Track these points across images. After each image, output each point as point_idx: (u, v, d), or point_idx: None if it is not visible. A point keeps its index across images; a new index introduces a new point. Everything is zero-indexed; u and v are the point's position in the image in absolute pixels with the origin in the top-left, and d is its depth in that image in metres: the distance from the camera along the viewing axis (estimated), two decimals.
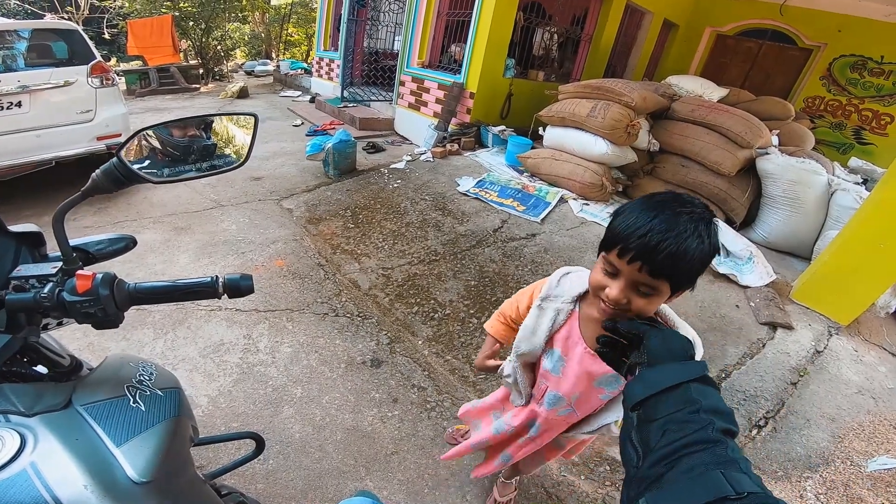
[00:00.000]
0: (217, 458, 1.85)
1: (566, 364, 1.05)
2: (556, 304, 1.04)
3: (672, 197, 0.82)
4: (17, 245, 0.77)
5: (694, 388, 0.59)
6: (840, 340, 2.98)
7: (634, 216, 0.79)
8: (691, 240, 0.75)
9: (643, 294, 0.82)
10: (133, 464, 0.60)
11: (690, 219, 0.76)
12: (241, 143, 0.94)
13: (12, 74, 3.62)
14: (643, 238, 0.76)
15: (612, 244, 0.82)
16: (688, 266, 0.77)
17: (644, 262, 0.77)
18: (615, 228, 0.82)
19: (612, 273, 0.84)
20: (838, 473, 2.11)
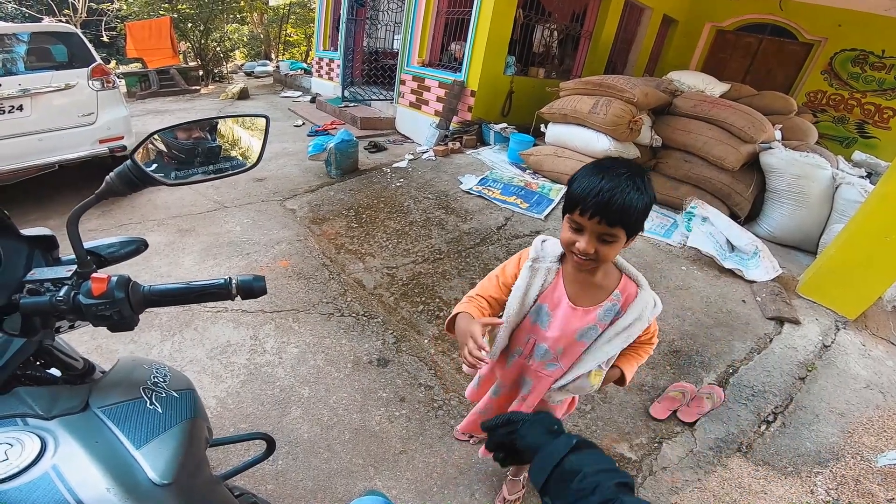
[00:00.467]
0: (227, 458, 1.85)
1: (552, 318, 1.18)
2: (546, 263, 1.17)
3: (611, 161, 1.01)
4: (31, 249, 0.76)
5: (574, 460, 0.66)
6: (848, 335, 2.97)
7: (587, 181, 0.97)
8: (633, 193, 0.94)
9: (606, 242, 0.99)
10: (153, 465, 0.60)
11: (629, 176, 0.95)
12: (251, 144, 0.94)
13: (13, 78, 3.62)
14: (597, 197, 0.94)
15: (574, 206, 0.99)
16: (635, 213, 0.95)
17: (601, 216, 0.95)
18: (574, 193, 1.00)
19: (578, 229, 1.02)
20: (849, 468, 2.10)
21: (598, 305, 1.15)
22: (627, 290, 1.15)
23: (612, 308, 1.15)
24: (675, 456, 2.09)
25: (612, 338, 1.15)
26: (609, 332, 1.15)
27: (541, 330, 1.20)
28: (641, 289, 1.16)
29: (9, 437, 0.55)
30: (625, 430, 2.21)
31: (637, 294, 1.15)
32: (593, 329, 1.16)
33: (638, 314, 1.13)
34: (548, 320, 1.18)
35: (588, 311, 1.15)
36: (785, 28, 8.10)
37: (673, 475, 2.01)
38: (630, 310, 1.14)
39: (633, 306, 1.14)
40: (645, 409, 2.31)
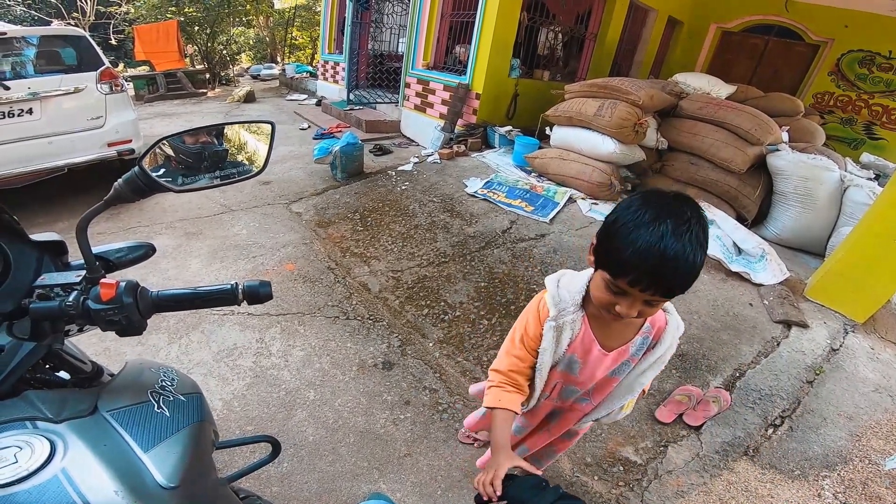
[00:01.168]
0: (233, 461, 1.85)
1: (583, 365, 1.10)
2: (569, 316, 1.05)
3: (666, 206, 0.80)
4: (40, 254, 0.77)
5: None
6: (856, 338, 2.94)
7: (639, 239, 0.78)
8: (698, 254, 0.77)
9: (652, 305, 0.86)
10: (161, 469, 0.60)
11: (691, 234, 0.77)
12: (257, 150, 0.95)
13: (23, 81, 3.66)
14: (656, 270, 0.77)
15: (621, 272, 0.82)
16: (697, 277, 0.80)
17: (657, 289, 0.80)
18: (620, 254, 0.80)
19: (620, 294, 0.86)
20: (856, 472, 2.08)
21: (630, 342, 1.07)
22: (658, 322, 1.07)
23: (643, 342, 1.08)
24: (681, 460, 2.08)
25: (646, 370, 1.09)
26: (642, 365, 1.09)
27: (570, 376, 1.14)
28: (669, 314, 1.08)
29: (18, 440, 0.55)
30: (630, 434, 2.20)
31: (667, 322, 1.07)
32: (626, 365, 1.11)
33: (670, 342, 1.07)
34: (578, 367, 1.11)
35: (620, 351, 1.08)
36: (791, 29, 8.05)
37: (678, 479, 1.99)
38: (662, 340, 1.07)
39: (665, 336, 1.06)
40: (650, 412, 2.30)
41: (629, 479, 2.00)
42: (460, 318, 2.90)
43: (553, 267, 3.38)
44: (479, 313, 2.93)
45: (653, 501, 1.90)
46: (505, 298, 3.04)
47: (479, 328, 2.82)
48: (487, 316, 2.91)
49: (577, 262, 3.44)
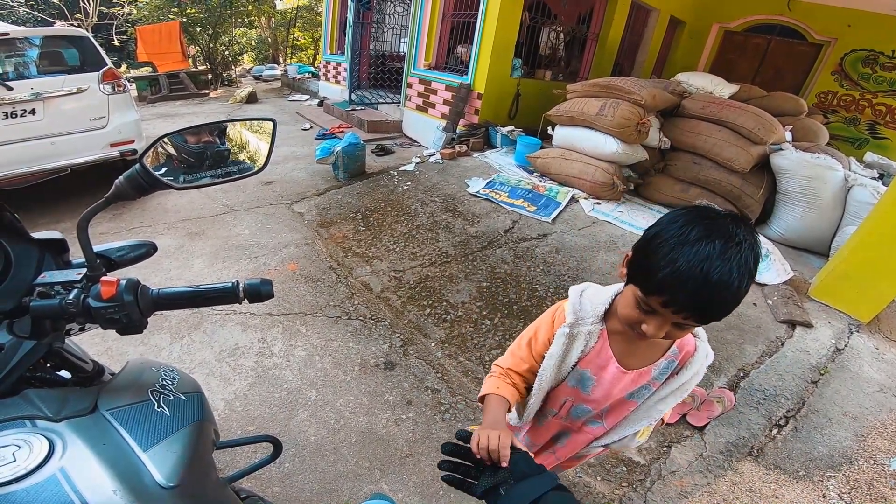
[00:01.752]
0: (234, 461, 1.85)
1: (597, 383, 1.02)
2: (586, 326, 0.98)
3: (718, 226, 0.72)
4: (41, 252, 0.77)
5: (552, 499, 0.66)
6: (861, 338, 2.93)
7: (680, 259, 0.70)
8: (744, 282, 0.70)
9: (682, 329, 0.79)
10: (160, 468, 0.59)
11: (741, 258, 0.69)
12: (257, 148, 0.94)
13: (25, 82, 3.67)
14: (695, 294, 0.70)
15: (655, 291, 0.75)
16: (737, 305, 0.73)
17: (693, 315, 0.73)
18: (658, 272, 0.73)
19: (650, 312, 0.79)
20: (861, 472, 2.07)
21: (653, 365, 0.98)
22: (686, 346, 0.98)
23: (668, 366, 0.99)
24: (685, 460, 2.07)
25: (667, 396, 1.00)
26: (664, 391, 1.00)
27: (581, 394, 1.05)
28: (700, 340, 0.99)
29: (17, 438, 0.55)
30: None
31: (696, 348, 0.98)
32: (646, 388, 1.01)
33: (696, 370, 0.98)
34: (591, 384, 1.03)
35: (641, 372, 0.99)
36: (794, 29, 8.02)
37: (682, 480, 1.98)
38: (689, 366, 0.98)
39: (693, 363, 0.98)
40: None
41: (632, 479, 1.99)
42: (462, 318, 2.89)
43: (555, 266, 3.37)
44: (481, 313, 2.92)
45: (656, 502, 1.89)
46: (507, 298, 3.04)
47: (481, 328, 2.81)
48: (490, 316, 2.90)
49: (579, 262, 3.43)
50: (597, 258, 3.50)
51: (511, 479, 0.72)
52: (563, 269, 3.35)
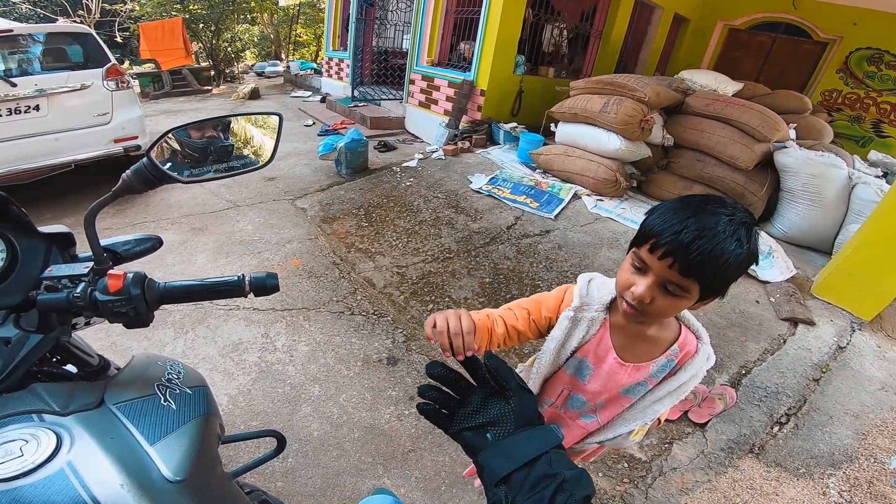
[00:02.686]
0: (238, 455, 1.86)
1: (594, 374, 1.02)
2: (590, 313, 0.98)
3: (715, 199, 0.79)
4: (48, 246, 0.77)
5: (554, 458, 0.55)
6: (863, 336, 2.92)
7: (671, 213, 0.77)
8: (729, 242, 0.73)
9: (670, 293, 0.79)
10: (167, 462, 0.60)
11: (730, 221, 0.74)
12: (263, 143, 0.94)
13: (29, 78, 3.68)
14: (678, 234, 0.74)
15: (645, 239, 0.79)
16: (721, 269, 0.74)
17: (676, 258, 0.75)
18: (648, 224, 0.80)
19: (641, 269, 0.82)
20: (862, 471, 2.07)
21: (653, 361, 0.97)
22: (688, 346, 0.98)
23: (667, 364, 0.98)
24: (686, 457, 2.07)
25: (664, 396, 0.99)
26: (660, 391, 0.99)
27: (579, 383, 1.05)
28: (702, 343, 0.99)
29: (24, 433, 0.55)
30: None
31: (697, 350, 0.98)
32: (642, 385, 1.00)
33: (695, 372, 0.97)
34: (588, 374, 1.02)
35: (639, 367, 0.98)
36: (799, 27, 7.98)
37: (683, 476, 1.99)
38: (687, 367, 0.97)
39: (691, 364, 0.97)
40: None
41: (634, 476, 1.99)
42: None
43: (558, 263, 3.37)
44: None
45: (657, 499, 1.89)
46: (510, 294, 3.04)
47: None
48: None
49: (582, 259, 3.43)
50: (599, 255, 3.50)
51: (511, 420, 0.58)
52: (566, 266, 3.34)
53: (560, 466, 0.54)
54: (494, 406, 0.59)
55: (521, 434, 0.56)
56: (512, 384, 0.60)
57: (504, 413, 0.58)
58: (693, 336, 0.98)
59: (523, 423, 0.58)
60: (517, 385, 0.60)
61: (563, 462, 0.55)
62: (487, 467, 0.56)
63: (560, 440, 0.57)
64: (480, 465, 0.57)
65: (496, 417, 0.58)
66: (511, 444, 0.56)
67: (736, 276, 0.78)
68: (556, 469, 0.53)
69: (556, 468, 0.53)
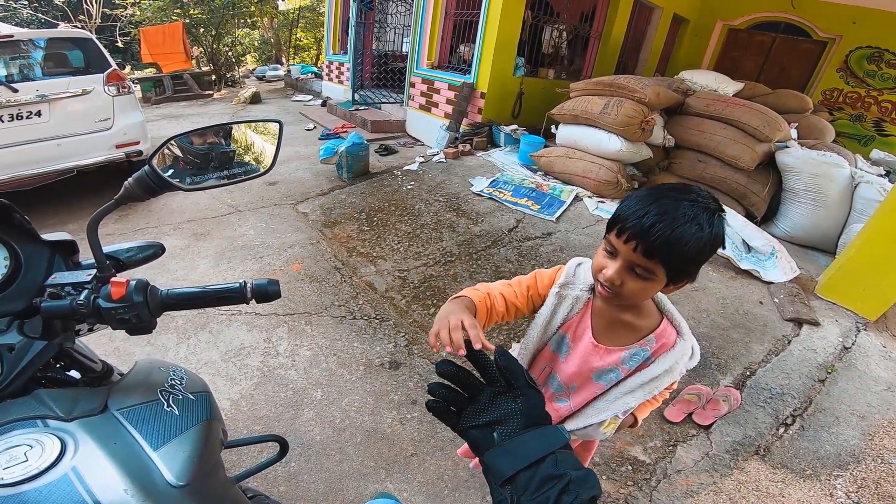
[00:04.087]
0: (241, 460, 1.86)
1: (572, 351, 1.05)
2: (575, 291, 1.03)
3: (680, 187, 0.84)
4: (51, 253, 0.77)
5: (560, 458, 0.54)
6: (868, 336, 2.91)
7: (637, 200, 0.83)
8: (689, 226, 0.77)
9: (638, 276, 0.84)
10: (170, 467, 0.60)
11: (692, 206, 0.79)
12: (264, 149, 0.94)
13: (31, 84, 3.69)
14: (640, 218, 0.79)
15: (614, 225, 0.85)
16: (682, 252, 0.78)
17: (639, 241, 0.80)
18: (617, 211, 0.86)
19: (612, 253, 0.87)
20: (869, 471, 2.06)
21: (625, 347, 0.99)
22: (664, 338, 0.99)
23: (640, 353, 0.99)
24: (690, 459, 2.06)
25: (636, 388, 0.99)
26: (632, 382, 1.00)
27: (559, 360, 1.08)
28: (682, 338, 0.99)
29: (29, 438, 0.55)
30: (638, 433, 2.18)
31: (675, 344, 0.98)
32: (614, 372, 1.01)
33: (669, 366, 0.97)
34: (567, 351, 1.05)
35: (611, 350, 1.00)
36: (798, 26, 7.98)
37: (688, 478, 1.98)
38: (661, 360, 0.97)
39: (666, 357, 0.97)
40: (659, 411, 2.28)
41: (638, 478, 1.98)
42: None
43: None
44: None
45: (662, 501, 1.88)
46: None
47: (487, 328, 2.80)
48: None
49: None
50: None
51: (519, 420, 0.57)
52: None
53: (566, 467, 0.53)
54: (502, 404, 0.59)
55: (527, 434, 0.56)
56: (521, 382, 0.60)
57: (511, 412, 0.58)
58: (674, 330, 1.00)
59: (530, 422, 0.57)
60: (526, 384, 0.60)
61: (569, 462, 0.54)
62: (493, 467, 0.55)
63: (566, 440, 0.56)
64: (486, 464, 0.57)
65: (503, 416, 0.58)
66: (517, 444, 0.55)
67: (700, 259, 0.82)
68: (562, 469, 0.53)
69: (562, 469, 0.53)
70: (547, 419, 0.59)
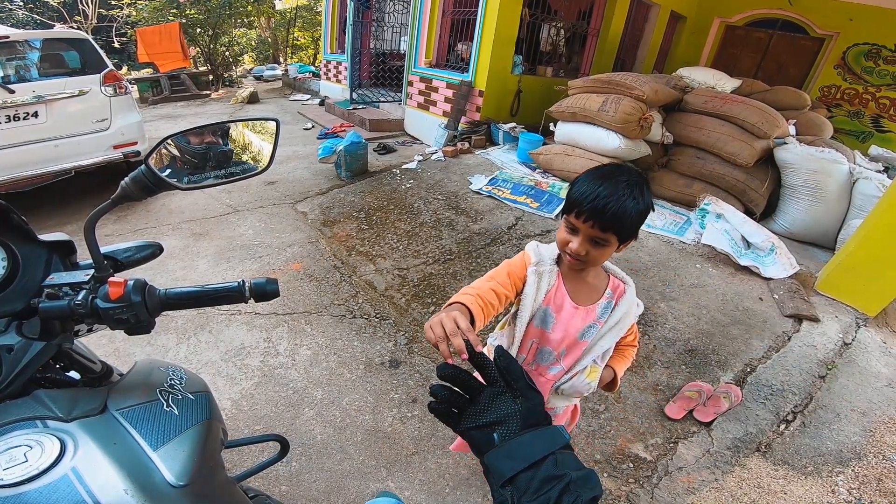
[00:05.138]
0: (241, 460, 1.86)
1: (556, 320, 1.18)
2: (546, 267, 1.17)
3: (613, 168, 1.04)
4: (49, 254, 0.77)
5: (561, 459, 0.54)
6: (868, 332, 2.91)
7: (585, 185, 1.01)
8: (629, 201, 0.98)
9: (598, 244, 1.03)
10: (170, 467, 0.60)
11: (627, 184, 0.99)
12: (262, 148, 0.94)
13: (27, 85, 3.67)
14: (593, 202, 0.98)
15: (571, 208, 1.03)
16: (629, 220, 0.99)
17: (595, 220, 0.99)
18: (572, 196, 1.03)
19: (573, 230, 1.05)
20: (871, 468, 2.06)
21: (596, 304, 1.19)
22: (618, 288, 1.21)
23: (608, 305, 1.19)
24: (692, 456, 2.06)
25: (606, 332, 1.19)
26: (603, 328, 1.19)
27: (546, 333, 1.19)
28: (628, 286, 1.22)
29: (28, 439, 0.55)
30: (639, 431, 2.18)
31: (625, 291, 1.21)
32: (594, 327, 1.19)
33: (626, 309, 1.19)
34: (552, 322, 1.18)
35: (589, 309, 1.18)
36: (795, 23, 7.98)
37: (689, 475, 1.98)
38: (620, 304, 1.19)
39: (623, 301, 1.19)
40: (660, 408, 2.29)
41: (639, 476, 1.98)
42: None
43: None
44: None
45: (663, 499, 1.88)
46: None
47: (486, 326, 2.80)
48: None
49: None
50: None
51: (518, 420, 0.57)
52: None
53: (567, 467, 0.53)
54: (502, 405, 0.59)
55: (527, 435, 0.56)
56: (520, 384, 0.60)
57: (511, 413, 0.58)
58: (619, 281, 1.22)
59: (529, 423, 0.57)
60: (525, 385, 0.60)
61: (570, 463, 0.54)
62: (493, 468, 0.55)
63: (567, 441, 0.57)
64: (486, 465, 0.57)
65: (502, 417, 0.58)
66: (517, 445, 0.55)
67: (640, 223, 1.02)
68: (562, 470, 0.53)
69: (562, 469, 0.53)
70: (547, 419, 0.59)
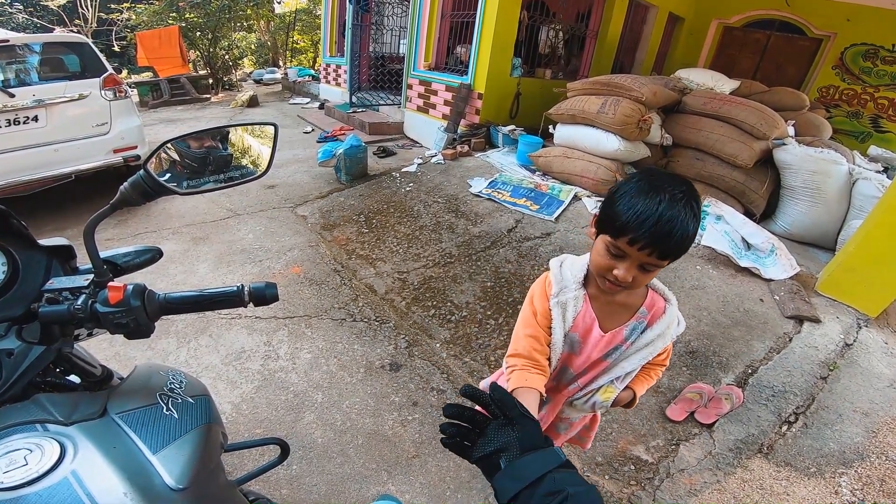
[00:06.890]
0: (242, 463, 1.85)
1: (582, 346, 1.10)
2: (570, 293, 1.07)
3: (663, 178, 0.88)
4: (49, 259, 0.77)
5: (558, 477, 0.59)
6: (870, 333, 2.90)
7: (640, 203, 0.85)
8: (692, 223, 0.85)
9: (647, 270, 0.90)
10: (170, 471, 0.60)
11: (685, 201, 0.84)
12: (261, 152, 0.94)
13: (27, 89, 3.67)
14: (654, 227, 0.83)
15: (621, 232, 0.87)
16: (690, 244, 0.87)
17: (656, 247, 0.85)
18: (621, 216, 0.87)
19: (619, 256, 0.91)
20: (874, 469, 2.05)
21: (625, 325, 1.07)
22: (655, 306, 1.07)
23: (637, 326, 1.07)
24: (693, 458, 2.06)
25: (632, 354, 1.08)
26: (629, 350, 1.08)
27: (572, 356, 1.13)
28: (669, 304, 1.08)
29: (29, 442, 0.55)
30: (641, 432, 2.18)
31: (665, 310, 1.07)
32: (618, 348, 1.10)
33: (662, 330, 1.06)
34: (579, 347, 1.10)
35: (615, 333, 1.07)
36: (793, 23, 8.00)
37: (691, 478, 1.97)
38: (656, 325, 1.06)
39: (660, 322, 1.06)
40: (661, 410, 2.28)
41: (641, 477, 1.98)
42: (467, 319, 2.88)
43: None
44: (485, 313, 2.92)
45: (665, 500, 1.88)
46: (511, 298, 3.03)
47: (486, 328, 2.80)
48: (494, 316, 2.89)
49: None
50: None
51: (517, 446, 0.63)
52: None
53: (564, 484, 0.58)
54: (503, 434, 0.65)
55: (527, 457, 0.62)
56: (514, 413, 0.66)
57: (511, 440, 0.64)
58: (661, 298, 1.09)
59: (528, 447, 0.63)
60: (519, 413, 0.66)
61: (568, 480, 0.59)
62: (498, 488, 0.61)
63: (562, 460, 0.62)
64: (494, 487, 0.62)
65: (504, 444, 0.63)
66: (518, 467, 0.61)
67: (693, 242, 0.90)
68: (559, 486, 0.57)
69: (559, 485, 0.58)
70: (545, 442, 0.65)
